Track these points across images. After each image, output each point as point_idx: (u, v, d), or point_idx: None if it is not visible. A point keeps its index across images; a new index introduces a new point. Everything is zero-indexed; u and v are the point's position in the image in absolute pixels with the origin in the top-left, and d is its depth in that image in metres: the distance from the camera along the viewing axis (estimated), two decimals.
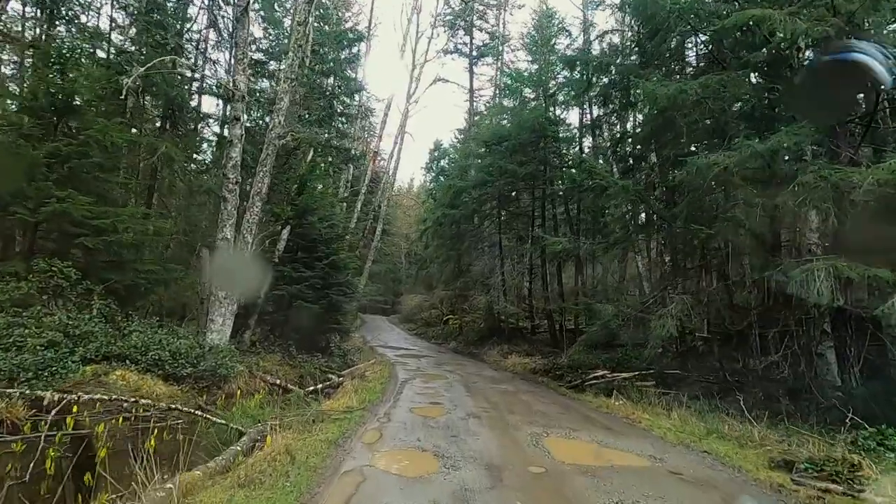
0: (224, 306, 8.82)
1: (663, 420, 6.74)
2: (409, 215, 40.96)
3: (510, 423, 5.90)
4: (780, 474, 4.24)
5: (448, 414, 6.32)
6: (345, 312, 12.74)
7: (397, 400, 7.25)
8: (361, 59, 20.78)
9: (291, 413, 5.75)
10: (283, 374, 9.54)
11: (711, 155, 6.86)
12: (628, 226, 9.66)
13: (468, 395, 8.10)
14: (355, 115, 18.39)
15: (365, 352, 14.73)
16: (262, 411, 6.12)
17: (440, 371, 11.85)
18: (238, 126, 8.48)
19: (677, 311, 7.95)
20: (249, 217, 9.57)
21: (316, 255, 11.34)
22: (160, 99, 13.21)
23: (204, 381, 8.02)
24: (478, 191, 18.36)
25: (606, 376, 10.79)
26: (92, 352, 7.30)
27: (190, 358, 7.97)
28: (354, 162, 17.89)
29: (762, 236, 7.72)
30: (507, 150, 16.32)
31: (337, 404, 6.40)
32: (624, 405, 7.96)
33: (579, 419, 6.53)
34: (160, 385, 7.38)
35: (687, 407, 7.79)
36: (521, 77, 18.64)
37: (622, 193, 8.34)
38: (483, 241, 21.18)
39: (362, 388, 7.78)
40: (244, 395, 8.33)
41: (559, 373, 12.15)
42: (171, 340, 8.13)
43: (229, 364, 8.28)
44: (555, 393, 9.68)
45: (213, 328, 8.68)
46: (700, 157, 7.01)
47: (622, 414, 7.13)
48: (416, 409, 6.65)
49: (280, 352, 10.47)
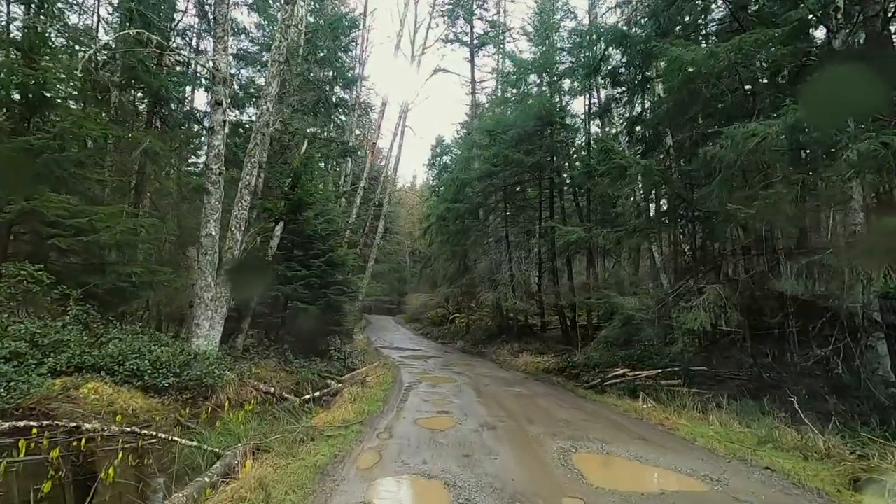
0: (211, 309, 8.09)
1: (703, 426, 5.93)
2: (412, 214, 40.28)
3: (531, 436, 5.10)
4: (875, 500, 3.42)
5: (459, 425, 5.53)
6: (345, 313, 11.98)
7: (401, 409, 6.46)
8: (357, 50, 20.03)
9: (279, 429, 4.99)
10: (278, 382, 8.80)
11: (750, 124, 6.03)
12: (647, 212, 8.82)
13: (480, 401, 7.31)
14: (352, 105, 17.62)
15: (369, 354, 13.98)
16: (246, 427, 5.35)
17: (448, 373, 11.08)
18: (220, 111, 7.74)
19: (711, 301, 7.13)
20: (238, 212, 8.84)
21: (312, 252, 10.59)
22: (148, 94, 12.52)
23: (188, 392, 7.30)
24: (482, 182, 17.60)
25: (627, 375, 9.98)
26: (63, 363, 6.59)
27: (173, 367, 7.25)
28: (352, 155, 17.10)
29: (800, 216, 6.88)
30: (513, 139, 15.55)
31: (332, 417, 5.62)
32: (653, 409, 7.15)
33: (608, 427, 5.73)
34: (138, 398, 6.66)
35: (724, 409, 6.98)
36: (524, 63, 17.79)
37: (644, 174, 7.51)
38: (489, 236, 20.46)
39: (362, 396, 7.00)
40: (233, 406, 7.60)
41: (575, 372, 11.36)
42: (153, 348, 7.42)
43: (217, 372, 7.55)
44: (573, 395, 8.88)
45: (199, 333, 7.96)
46: (737, 126, 6.17)
47: (654, 419, 6.32)
48: (422, 420, 5.86)
49: (275, 357, 9.74)
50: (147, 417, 6.42)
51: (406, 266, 37.28)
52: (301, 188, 10.76)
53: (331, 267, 10.71)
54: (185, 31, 15.00)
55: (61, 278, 7.99)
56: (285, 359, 9.75)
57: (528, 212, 19.40)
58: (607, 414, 6.84)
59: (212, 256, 7.92)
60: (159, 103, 12.52)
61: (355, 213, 16.43)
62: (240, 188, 9.01)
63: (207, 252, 7.89)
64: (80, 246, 8.48)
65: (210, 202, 7.85)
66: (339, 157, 16.79)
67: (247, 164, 9.01)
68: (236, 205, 8.91)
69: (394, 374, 10.05)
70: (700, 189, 8.01)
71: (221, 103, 7.71)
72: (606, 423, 6.02)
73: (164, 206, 13.52)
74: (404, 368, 11.52)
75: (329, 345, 10.87)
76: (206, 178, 7.89)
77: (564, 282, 17.05)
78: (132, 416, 6.34)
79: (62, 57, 10.92)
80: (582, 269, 18.00)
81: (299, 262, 10.40)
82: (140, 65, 11.07)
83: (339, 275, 11.23)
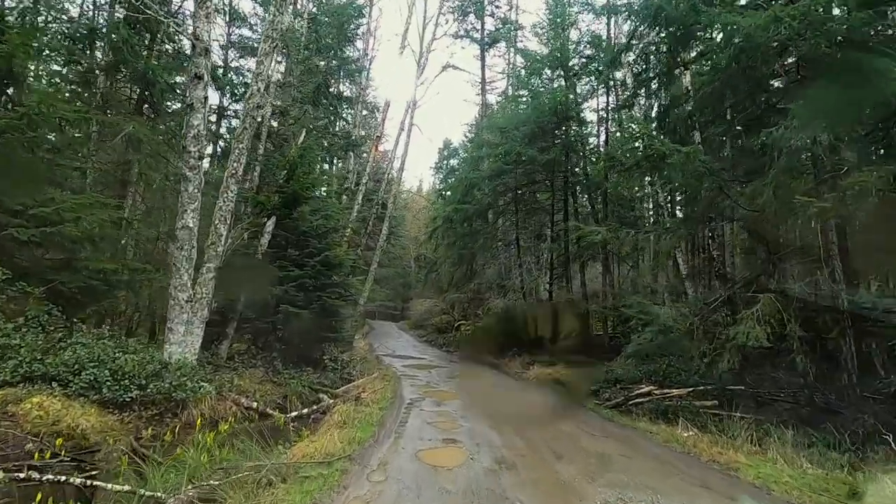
0: (187, 312, 7.11)
1: (766, 465, 4.85)
2: (418, 218, 39.34)
3: (563, 480, 4.03)
4: None
5: (470, 460, 4.48)
6: (342, 318, 10.97)
7: (399, 436, 5.41)
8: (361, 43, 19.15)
9: (245, 464, 3.96)
10: (263, 395, 7.79)
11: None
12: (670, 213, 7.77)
13: (492, 426, 6.25)
14: (356, 98, 16.71)
15: (369, 362, 12.94)
16: (209, 457, 4.34)
17: (454, 387, 10.03)
18: (201, 86, 6.80)
19: (766, 312, 6.05)
20: (223, 203, 7.89)
21: (307, 250, 9.62)
22: (135, 79, 11.66)
23: (154, 408, 6.30)
24: (492, 182, 16.64)
25: (654, 394, 8.89)
26: (8, 372, 5.63)
27: (138, 378, 6.27)
28: (355, 150, 16.15)
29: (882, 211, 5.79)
30: (526, 135, 14.61)
31: (313, 448, 4.58)
32: (696, 438, 6.05)
33: (655, 467, 4.65)
34: (91, 415, 5.66)
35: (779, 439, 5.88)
36: (538, 59, 16.85)
37: (685, 163, 6.47)
38: (497, 240, 19.49)
39: (354, 418, 5.94)
40: (207, 425, 6.59)
41: (594, 388, 10.27)
42: (117, 356, 6.43)
43: (189, 385, 6.55)
44: (597, 416, 7.80)
45: (171, 339, 6.97)
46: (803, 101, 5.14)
47: (704, 454, 5.24)
48: (425, 452, 4.81)
49: (263, 366, 8.74)
50: (99, 439, 5.43)
51: (411, 271, 36.36)
52: (297, 181, 9.81)
53: (327, 267, 9.72)
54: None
55: (25, 274, 7.07)
56: (274, 368, 8.75)
57: (539, 215, 18.50)
58: (645, 445, 5.75)
59: (188, 251, 6.96)
60: (149, 90, 11.64)
61: (356, 210, 15.45)
62: (226, 177, 8.07)
63: (184, 246, 6.93)
64: (44, 238, 7.56)
65: (188, 190, 6.89)
66: (341, 152, 15.86)
67: (234, 150, 8.08)
68: (221, 195, 7.96)
69: (394, 388, 9.00)
70: (742, 185, 6.94)
71: (202, 77, 6.78)
72: (649, 460, 4.94)
73: (153, 199, 12.64)
74: (406, 380, 10.48)
75: (324, 353, 9.85)
76: (183, 163, 6.94)
77: (577, 289, 16.00)
78: (81, 437, 5.35)
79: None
80: (592, 277, 17.02)
81: (293, 261, 9.43)
82: (125, 45, 10.21)
83: (336, 276, 10.24)
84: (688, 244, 13.37)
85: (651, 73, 10.18)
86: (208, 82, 6.93)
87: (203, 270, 7.79)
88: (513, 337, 17.40)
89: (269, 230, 9.59)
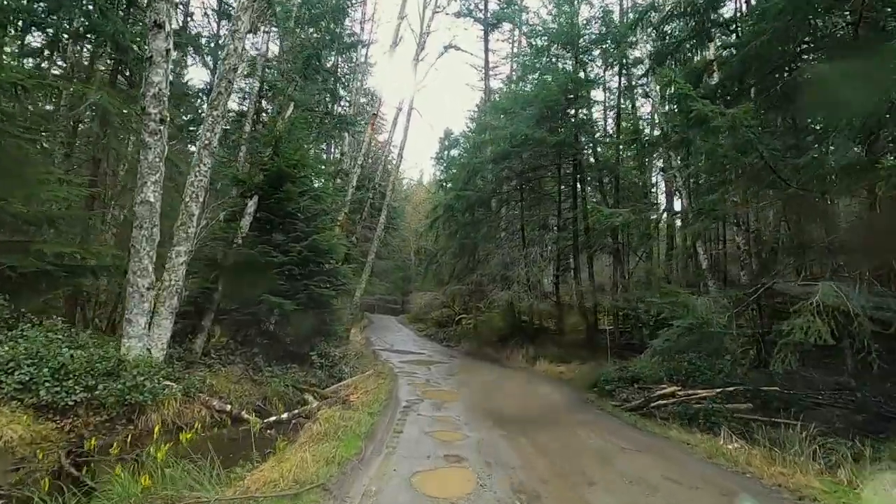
0: (148, 301, 6.15)
1: (845, 492, 3.90)
2: (418, 210, 38.32)
3: None
4: None
5: (480, 488, 3.53)
6: (333, 310, 10.00)
7: (392, 451, 4.44)
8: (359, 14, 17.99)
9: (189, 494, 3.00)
10: (240, 396, 6.85)
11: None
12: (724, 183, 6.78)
13: (503, 436, 5.30)
14: (349, 74, 15.64)
15: (365, 358, 11.99)
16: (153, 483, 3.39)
17: (456, 386, 9.10)
18: (162, 37, 5.77)
19: (831, 302, 5.08)
20: (194, 178, 6.91)
21: (293, 234, 8.64)
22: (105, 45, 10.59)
23: (104, 413, 5.35)
24: (497, 166, 15.65)
25: (677, 395, 7.95)
26: None
27: (84, 378, 5.32)
28: (350, 128, 15.05)
29: None
30: (533, 116, 13.58)
31: (279, 471, 3.59)
32: (745, 451, 5.10)
33: (712, 497, 3.70)
34: (22, 423, 4.73)
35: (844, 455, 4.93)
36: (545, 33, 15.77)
37: (732, 127, 5.47)
38: (501, 230, 18.50)
39: (339, 427, 4.96)
40: (170, 431, 5.66)
41: (608, 387, 9.35)
42: (63, 351, 5.48)
43: (149, 385, 5.60)
44: (619, 422, 6.87)
45: (130, 332, 6.01)
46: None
47: (766, 476, 4.29)
48: (423, 476, 3.84)
49: (242, 363, 7.79)
50: (28, 453, 4.50)
51: (411, 264, 35.45)
52: (282, 157, 8.81)
53: (315, 254, 8.74)
54: None
55: None
56: (254, 365, 7.80)
57: (545, 204, 17.51)
58: (686, 461, 4.80)
59: (149, 231, 5.97)
60: (122, 58, 10.58)
61: (350, 192, 14.42)
62: (198, 148, 7.10)
63: (143, 224, 5.94)
64: None
65: (147, 158, 5.89)
66: (336, 131, 14.78)
67: (208, 118, 7.09)
68: (193, 169, 6.98)
69: (389, 388, 8.05)
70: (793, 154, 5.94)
71: (163, 26, 5.75)
72: (702, 485, 3.98)
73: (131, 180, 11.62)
74: (403, 378, 9.54)
75: (313, 348, 8.89)
76: (142, 128, 5.93)
77: (586, 280, 15.06)
78: (5, 450, 4.42)
79: None
80: (599, 270, 16.11)
81: (277, 246, 8.44)
82: (95, 6, 9.15)
83: (326, 264, 9.26)
84: (709, 235, 12.38)
85: (677, 38, 9.12)
86: (171, 32, 5.89)
87: (172, 255, 6.82)
88: (517, 331, 16.54)
89: (251, 211, 8.61)
